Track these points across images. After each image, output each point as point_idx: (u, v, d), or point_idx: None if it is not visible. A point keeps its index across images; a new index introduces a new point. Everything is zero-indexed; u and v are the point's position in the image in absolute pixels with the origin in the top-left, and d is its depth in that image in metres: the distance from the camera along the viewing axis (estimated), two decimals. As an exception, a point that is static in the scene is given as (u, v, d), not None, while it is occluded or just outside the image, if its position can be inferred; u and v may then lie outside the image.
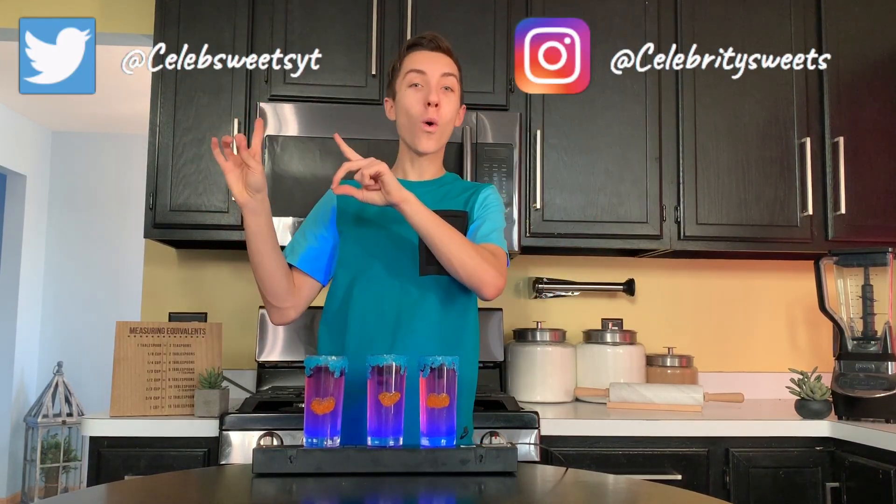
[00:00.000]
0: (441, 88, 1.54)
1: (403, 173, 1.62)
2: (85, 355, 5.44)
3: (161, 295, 2.55)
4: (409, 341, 1.48)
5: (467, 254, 1.42)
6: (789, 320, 2.73)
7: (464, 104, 1.65)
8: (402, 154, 1.63)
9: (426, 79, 1.54)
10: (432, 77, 1.53)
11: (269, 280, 1.51)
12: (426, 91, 1.53)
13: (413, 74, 1.54)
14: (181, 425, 1.89)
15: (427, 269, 1.51)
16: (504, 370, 2.48)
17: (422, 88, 1.54)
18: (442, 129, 1.56)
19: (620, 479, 1.19)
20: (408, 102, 1.55)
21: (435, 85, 1.53)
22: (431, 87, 1.53)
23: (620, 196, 2.35)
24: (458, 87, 1.59)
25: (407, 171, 1.62)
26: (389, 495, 1.04)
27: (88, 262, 5.53)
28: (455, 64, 1.58)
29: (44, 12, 2.63)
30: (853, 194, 2.40)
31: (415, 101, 1.54)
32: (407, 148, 1.60)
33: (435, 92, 1.53)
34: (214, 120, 2.26)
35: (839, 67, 2.45)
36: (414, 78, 1.54)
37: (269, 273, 1.50)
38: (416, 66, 1.54)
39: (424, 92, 1.53)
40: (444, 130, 1.57)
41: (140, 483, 1.11)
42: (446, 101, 1.55)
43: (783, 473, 1.98)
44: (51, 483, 4.90)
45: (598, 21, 2.39)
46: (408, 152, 1.60)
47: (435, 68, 1.54)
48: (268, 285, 1.52)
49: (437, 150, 1.58)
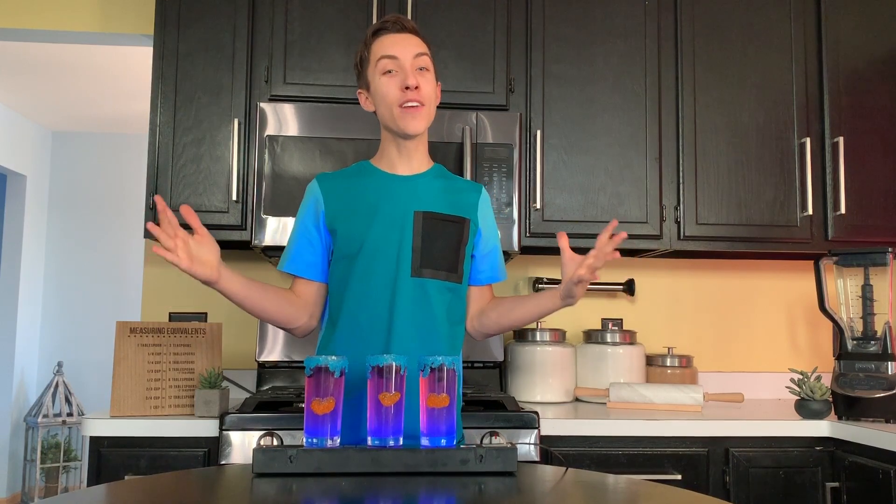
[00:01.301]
0: (416, 70, 1.51)
1: (391, 165, 1.58)
2: (85, 355, 5.45)
3: (161, 295, 2.55)
4: (401, 343, 1.48)
5: None
6: (789, 320, 2.73)
7: (439, 82, 1.61)
8: (385, 144, 1.58)
9: (399, 63, 1.50)
10: (405, 60, 1.50)
11: (276, 317, 1.53)
12: (402, 75, 1.50)
13: (385, 61, 1.51)
14: (181, 425, 1.89)
15: (419, 270, 1.50)
16: (504, 370, 2.48)
17: (396, 74, 1.50)
18: (426, 108, 1.52)
19: (620, 479, 1.19)
20: (384, 90, 1.51)
21: (410, 67, 1.50)
22: (407, 71, 1.50)
23: (620, 196, 2.35)
24: (432, 65, 1.56)
25: (394, 163, 1.57)
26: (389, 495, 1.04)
27: (88, 262, 5.53)
28: (424, 42, 1.55)
29: (44, 12, 2.64)
30: (853, 194, 2.40)
31: (392, 87, 1.50)
32: (392, 136, 1.55)
33: (411, 74, 1.49)
34: (214, 120, 2.26)
35: (839, 67, 2.45)
36: (387, 64, 1.51)
37: (273, 313, 1.52)
38: (387, 51, 1.51)
39: (400, 76, 1.50)
40: (427, 108, 1.53)
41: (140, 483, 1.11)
42: (424, 82, 1.51)
43: (783, 473, 1.98)
44: (51, 483, 4.90)
45: (598, 21, 2.40)
46: (393, 140, 1.56)
47: (406, 51, 1.50)
48: (278, 320, 1.54)
49: (424, 130, 1.55)
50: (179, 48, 2.28)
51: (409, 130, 1.51)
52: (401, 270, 1.49)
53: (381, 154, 1.60)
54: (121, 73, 4.31)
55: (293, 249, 1.58)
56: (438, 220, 1.52)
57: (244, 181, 2.25)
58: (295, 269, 1.57)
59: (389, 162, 1.58)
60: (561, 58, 2.38)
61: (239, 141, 2.25)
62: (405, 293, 1.49)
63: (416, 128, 1.51)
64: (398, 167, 1.58)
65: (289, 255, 1.58)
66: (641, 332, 2.66)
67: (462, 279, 1.56)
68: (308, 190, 1.60)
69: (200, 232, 1.38)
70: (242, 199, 2.24)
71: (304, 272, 1.56)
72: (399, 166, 1.58)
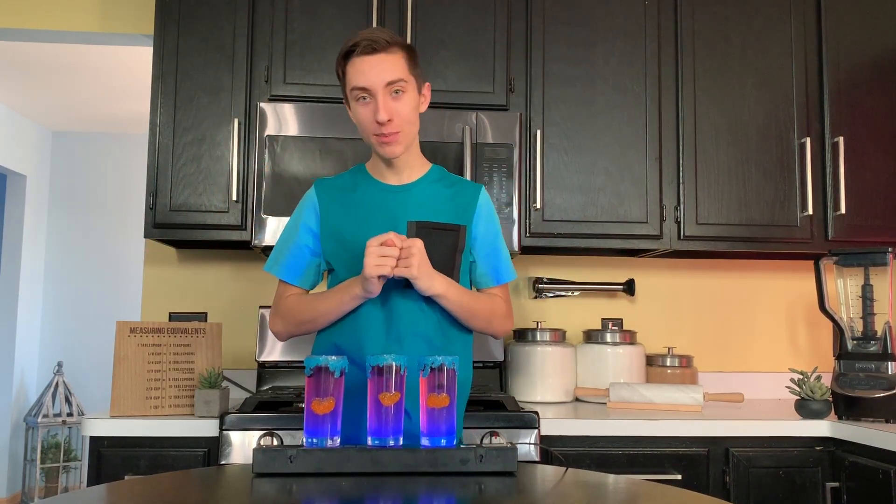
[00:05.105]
0: (390, 94, 1.47)
1: (382, 175, 1.58)
2: (85, 355, 5.45)
3: (161, 295, 2.55)
4: (401, 345, 1.48)
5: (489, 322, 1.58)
6: (789, 320, 2.73)
7: (426, 82, 1.59)
8: (375, 155, 1.59)
9: (371, 93, 1.47)
10: (377, 90, 1.46)
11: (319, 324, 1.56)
12: (373, 104, 1.47)
13: (357, 91, 1.48)
14: (181, 425, 1.89)
15: None
16: (504, 370, 2.48)
17: (370, 102, 1.48)
18: (404, 133, 1.50)
19: (620, 479, 1.19)
20: (359, 117, 1.50)
21: (382, 97, 1.46)
22: (379, 103, 1.46)
23: (620, 196, 2.35)
24: (411, 78, 1.50)
25: (385, 174, 1.58)
26: (389, 495, 1.04)
27: (88, 262, 5.53)
28: (401, 55, 1.49)
29: (44, 12, 2.64)
30: (853, 194, 2.40)
31: (365, 115, 1.49)
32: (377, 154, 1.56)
33: (382, 108, 1.45)
34: (214, 120, 2.26)
35: (839, 67, 2.45)
36: (358, 94, 1.48)
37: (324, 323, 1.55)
38: (358, 82, 1.47)
39: (373, 105, 1.47)
40: (405, 132, 1.51)
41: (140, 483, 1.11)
42: (399, 107, 1.48)
43: (783, 473, 1.98)
44: (51, 483, 4.90)
45: (598, 21, 2.40)
46: (380, 156, 1.56)
47: (377, 79, 1.46)
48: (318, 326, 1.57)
49: (403, 152, 1.53)
50: (179, 48, 2.28)
51: (388, 156, 1.52)
52: (395, 281, 1.48)
53: (374, 161, 1.61)
54: (121, 73, 4.31)
55: (283, 253, 1.59)
56: (432, 230, 1.51)
57: (244, 181, 2.25)
58: (281, 273, 1.58)
59: (381, 172, 1.59)
60: (561, 58, 2.38)
61: (239, 141, 2.25)
62: (401, 303, 1.49)
63: (394, 153, 1.52)
64: (389, 178, 1.58)
65: (278, 259, 1.59)
66: (641, 332, 2.66)
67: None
68: (305, 197, 1.61)
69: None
70: (242, 199, 2.24)
71: (288, 277, 1.58)
72: (389, 177, 1.58)
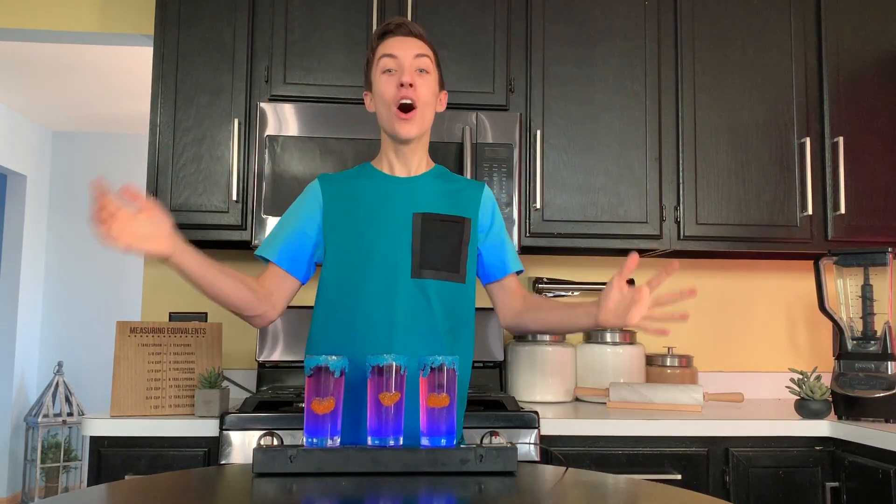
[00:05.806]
0: (415, 70, 1.52)
1: (390, 167, 1.58)
2: (85, 355, 5.45)
3: (161, 295, 2.55)
4: (402, 343, 1.47)
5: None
6: (789, 320, 2.73)
7: (445, 90, 1.62)
8: (384, 147, 1.59)
9: (399, 62, 1.51)
10: (405, 59, 1.51)
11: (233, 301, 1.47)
12: (399, 73, 1.51)
13: (386, 59, 1.52)
14: (181, 425, 1.89)
15: (419, 272, 1.49)
16: (504, 370, 2.48)
17: (395, 73, 1.51)
18: (421, 112, 1.51)
19: (620, 478, 1.19)
20: (382, 88, 1.52)
21: (408, 67, 1.50)
22: (405, 69, 1.50)
23: (620, 196, 2.36)
24: (435, 69, 1.56)
25: (393, 165, 1.58)
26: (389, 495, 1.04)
27: (88, 261, 5.53)
28: (429, 47, 1.55)
29: (44, 12, 2.64)
30: (853, 194, 2.41)
31: (389, 85, 1.51)
32: (390, 139, 1.56)
33: (408, 73, 1.50)
34: (214, 120, 2.26)
35: (839, 67, 2.45)
36: (387, 63, 1.52)
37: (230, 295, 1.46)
38: (388, 50, 1.52)
39: (398, 75, 1.51)
40: (422, 113, 1.52)
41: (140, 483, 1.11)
42: (422, 83, 1.52)
43: (783, 473, 1.98)
44: (51, 483, 4.91)
45: (598, 21, 2.40)
46: (391, 143, 1.56)
47: (407, 51, 1.51)
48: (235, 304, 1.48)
49: (418, 135, 1.54)
50: (179, 48, 2.28)
51: (401, 134, 1.51)
52: (400, 272, 1.48)
53: (381, 156, 1.61)
54: (121, 74, 4.31)
55: (280, 239, 1.55)
56: (438, 221, 1.51)
57: (244, 181, 2.25)
58: (276, 258, 1.54)
59: (388, 164, 1.58)
60: (561, 58, 2.38)
61: (239, 141, 2.25)
62: (405, 295, 1.49)
63: (408, 132, 1.51)
64: (397, 169, 1.58)
65: (273, 243, 1.55)
66: (641, 332, 2.67)
67: (465, 279, 1.54)
68: (309, 188, 1.59)
69: (146, 207, 1.33)
70: (242, 199, 2.24)
71: (283, 262, 1.54)
72: (398, 168, 1.58)
